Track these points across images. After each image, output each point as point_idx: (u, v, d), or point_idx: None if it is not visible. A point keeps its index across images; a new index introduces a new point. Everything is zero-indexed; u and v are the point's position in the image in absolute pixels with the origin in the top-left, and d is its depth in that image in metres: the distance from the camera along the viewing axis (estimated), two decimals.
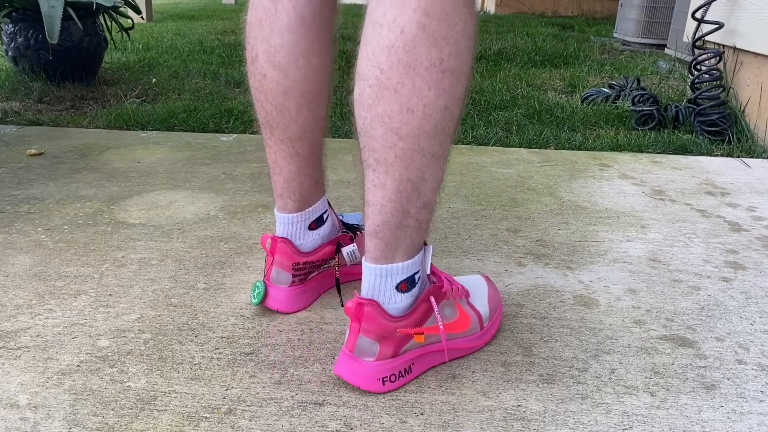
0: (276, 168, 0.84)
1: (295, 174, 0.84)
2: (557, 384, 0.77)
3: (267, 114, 0.80)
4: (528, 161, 1.62)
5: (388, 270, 0.71)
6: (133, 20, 2.59)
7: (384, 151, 0.65)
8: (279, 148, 0.83)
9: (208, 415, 0.70)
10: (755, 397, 0.75)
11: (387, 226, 0.69)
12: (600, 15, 5.63)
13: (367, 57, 0.63)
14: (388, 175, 0.66)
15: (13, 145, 1.64)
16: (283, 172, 0.84)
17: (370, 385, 0.73)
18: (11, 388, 0.73)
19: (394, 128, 0.64)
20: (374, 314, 0.71)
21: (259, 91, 0.79)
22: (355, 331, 0.72)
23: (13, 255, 1.05)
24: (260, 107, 0.81)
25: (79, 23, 2.17)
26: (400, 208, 0.68)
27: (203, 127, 1.88)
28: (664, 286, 1.01)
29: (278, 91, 0.78)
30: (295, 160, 0.83)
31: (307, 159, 0.84)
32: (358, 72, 0.64)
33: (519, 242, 1.15)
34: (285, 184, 0.85)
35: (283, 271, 0.88)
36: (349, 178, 1.45)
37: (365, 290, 0.73)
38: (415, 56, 0.61)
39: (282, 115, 0.80)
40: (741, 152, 1.77)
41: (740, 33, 1.98)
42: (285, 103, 0.78)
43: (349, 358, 0.73)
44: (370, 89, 0.63)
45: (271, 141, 0.83)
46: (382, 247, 0.71)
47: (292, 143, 0.82)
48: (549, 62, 3.09)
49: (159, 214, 1.23)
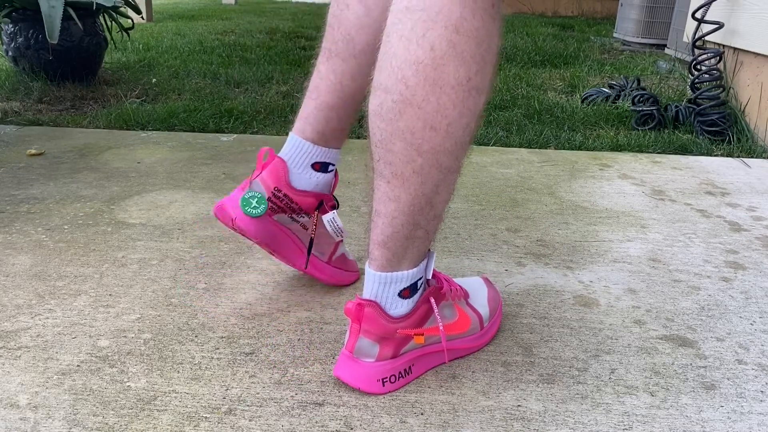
0: (314, 93, 0.84)
1: (328, 107, 0.83)
2: (557, 384, 0.77)
3: (333, 41, 0.81)
4: (528, 161, 1.62)
5: (393, 278, 0.71)
6: (133, 20, 2.59)
7: (402, 166, 0.64)
8: (326, 76, 0.82)
9: (208, 415, 0.70)
10: (755, 397, 0.75)
11: (396, 237, 0.69)
12: (600, 15, 5.63)
13: (392, 70, 0.61)
14: (403, 188, 0.65)
15: (13, 145, 1.64)
16: (319, 98, 0.83)
17: (369, 386, 0.73)
18: (11, 388, 0.73)
19: (415, 144, 0.63)
20: (375, 315, 0.71)
21: (336, 17, 0.80)
22: (355, 332, 0.72)
23: (13, 255, 1.05)
24: (330, 32, 0.81)
25: (79, 23, 2.17)
26: (411, 221, 0.68)
27: (203, 127, 1.88)
28: (664, 286, 1.01)
29: (354, 24, 0.79)
30: (335, 94, 0.83)
31: (345, 100, 0.83)
32: (380, 83, 0.63)
33: (519, 242, 1.15)
34: (315, 111, 0.84)
35: (262, 187, 0.85)
36: (349, 178, 1.45)
37: (367, 295, 0.73)
38: (443, 74, 0.60)
39: (347, 47, 0.80)
40: (741, 152, 1.77)
41: (740, 33, 1.98)
42: (355, 37, 0.79)
43: (349, 359, 0.73)
44: (393, 103, 0.62)
45: (323, 66, 0.82)
46: (389, 256, 0.70)
47: (342, 78, 0.82)
48: (549, 62, 3.09)
49: (159, 214, 1.23)
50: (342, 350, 0.75)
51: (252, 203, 0.85)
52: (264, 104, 2.14)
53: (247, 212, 0.85)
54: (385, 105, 0.62)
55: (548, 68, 2.98)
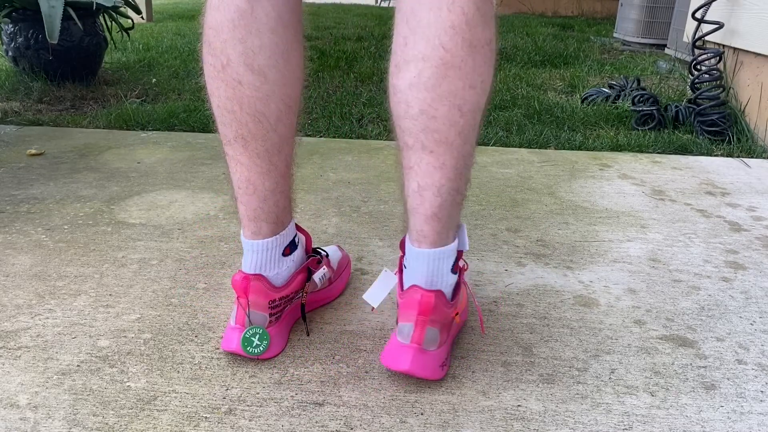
0: (249, 188, 0.77)
1: (272, 192, 0.77)
2: (557, 384, 0.77)
3: (241, 126, 0.73)
4: (528, 161, 1.62)
5: (445, 252, 0.73)
6: (133, 20, 2.59)
7: (446, 130, 0.67)
8: (254, 164, 0.75)
9: (208, 415, 0.70)
10: (755, 397, 0.75)
11: (445, 206, 0.70)
12: (600, 15, 5.63)
13: (427, 38, 0.64)
14: (447, 154, 0.68)
15: (13, 145, 1.64)
16: (258, 191, 0.77)
17: (434, 373, 0.74)
18: (11, 388, 0.73)
19: (458, 105, 0.66)
20: (440, 304, 0.72)
21: (232, 100, 0.72)
22: (423, 324, 0.72)
23: (13, 255, 1.05)
24: (232, 119, 0.73)
25: (79, 23, 2.17)
26: (455, 187, 0.70)
27: (203, 127, 1.88)
28: (664, 286, 1.01)
29: (257, 97, 0.72)
30: (272, 176, 0.77)
31: (283, 174, 0.78)
32: (414, 55, 0.65)
33: (519, 242, 1.15)
34: (260, 205, 0.77)
35: (260, 312, 0.79)
36: (349, 178, 1.45)
37: (426, 279, 0.73)
38: (475, 35, 0.64)
39: (260, 126, 0.73)
40: (741, 152, 1.77)
41: (740, 33, 1.98)
42: (264, 110, 0.72)
43: (418, 351, 0.73)
44: (435, 69, 0.64)
45: (244, 157, 0.75)
46: (440, 229, 0.71)
47: (270, 157, 0.75)
48: (549, 62, 3.09)
49: (159, 214, 1.23)
50: (403, 345, 0.73)
51: (254, 342, 0.79)
52: None
53: (250, 353, 0.78)
54: (424, 73, 0.64)
55: (548, 68, 2.98)
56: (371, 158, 1.60)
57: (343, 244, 1.12)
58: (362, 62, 2.94)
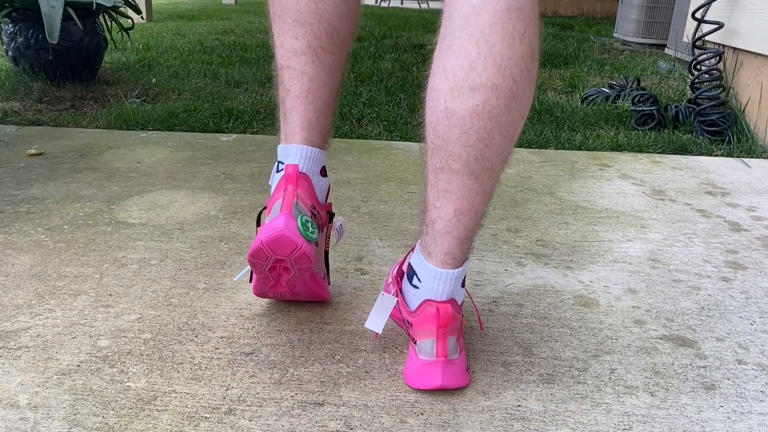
0: (309, 97, 0.80)
1: (327, 105, 0.82)
2: (557, 384, 0.77)
3: (315, 38, 0.79)
4: (528, 161, 1.62)
5: (464, 270, 0.73)
6: (133, 20, 2.59)
7: (495, 158, 0.67)
8: (318, 76, 0.80)
9: (208, 415, 0.70)
10: (755, 397, 0.75)
11: (474, 228, 0.71)
12: (600, 15, 5.63)
13: (499, 67, 0.63)
14: (490, 180, 0.68)
15: (13, 145, 1.64)
16: (317, 101, 0.81)
17: (463, 380, 0.74)
18: (11, 388, 0.73)
19: (510, 135, 0.66)
20: (456, 312, 0.73)
21: (313, 13, 0.78)
22: (444, 335, 0.72)
23: (13, 255, 1.05)
24: (307, 31, 0.78)
25: (79, 23, 2.17)
26: (484, 210, 0.71)
27: (203, 127, 1.88)
28: (664, 286, 1.01)
29: (335, 14, 0.78)
30: (330, 90, 0.82)
31: (335, 94, 0.83)
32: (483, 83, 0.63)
33: (519, 242, 1.15)
34: (316, 115, 0.81)
35: (304, 208, 0.77)
36: (349, 178, 1.45)
37: (445, 296, 0.72)
38: (535, 67, 0.65)
39: (332, 40, 0.79)
40: (741, 152, 1.77)
41: (740, 33, 1.98)
42: (338, 27, 0.79)
43: (446, 364, 0.72)
44: (503, 100, 0.64)
45: (311, 67, 0.80)
46: (466, 249, 0.72)
47: (331, 72, 0.81)
48: (549, 62, 3.09)
49: (159, 214, 1.23)
50: (428, 363, 0.72)
51: (309, 228, 0.77)
52: (264, 104, 2.14)
53: (308, 238, 0.75)
54: (489, 103, 0.64)
55: (548, 68, 2.98)
56: (371, 158, 1.60)
57: (343, 244, 1.12)
58: (362, 62, 2.94)
